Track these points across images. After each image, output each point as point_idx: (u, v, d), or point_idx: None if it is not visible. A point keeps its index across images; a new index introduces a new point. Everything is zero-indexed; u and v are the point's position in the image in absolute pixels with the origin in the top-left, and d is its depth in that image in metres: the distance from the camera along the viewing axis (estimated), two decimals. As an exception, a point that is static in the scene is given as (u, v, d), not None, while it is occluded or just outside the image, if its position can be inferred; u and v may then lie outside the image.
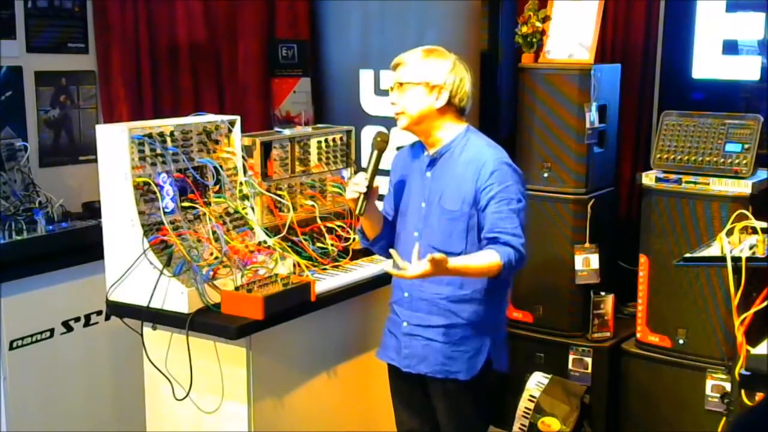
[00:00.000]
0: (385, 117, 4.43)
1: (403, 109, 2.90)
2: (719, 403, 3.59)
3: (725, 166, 3.68)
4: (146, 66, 4.28)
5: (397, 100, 2.91)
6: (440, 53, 2.93)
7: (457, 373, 2.90)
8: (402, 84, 2.90)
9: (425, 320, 2.93)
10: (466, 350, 2.90)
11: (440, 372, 2.91)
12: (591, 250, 4.01)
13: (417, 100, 2.88)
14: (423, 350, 2.93)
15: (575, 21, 4.08)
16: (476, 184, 2.83)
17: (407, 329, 2.96)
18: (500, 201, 2.81)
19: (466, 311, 2.90)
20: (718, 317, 3.63)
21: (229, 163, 3.19)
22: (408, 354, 2.96)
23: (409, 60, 2.91)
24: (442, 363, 2.91)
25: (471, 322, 2.90)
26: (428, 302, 2.91)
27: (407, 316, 2.97)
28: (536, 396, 4.02)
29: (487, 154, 2.88)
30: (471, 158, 2.88)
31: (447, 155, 2.93)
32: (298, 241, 3.32)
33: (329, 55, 4.65)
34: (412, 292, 2.94)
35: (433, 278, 2.84)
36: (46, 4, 4.02)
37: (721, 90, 4.13)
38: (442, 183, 2.90)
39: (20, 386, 3.38)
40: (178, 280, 2.85)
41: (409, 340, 2.96)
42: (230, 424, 2.95)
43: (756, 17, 3.98)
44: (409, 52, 2.94)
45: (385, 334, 3.08)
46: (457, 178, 2.88)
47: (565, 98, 3.99)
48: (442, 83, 2.88)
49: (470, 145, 2.91)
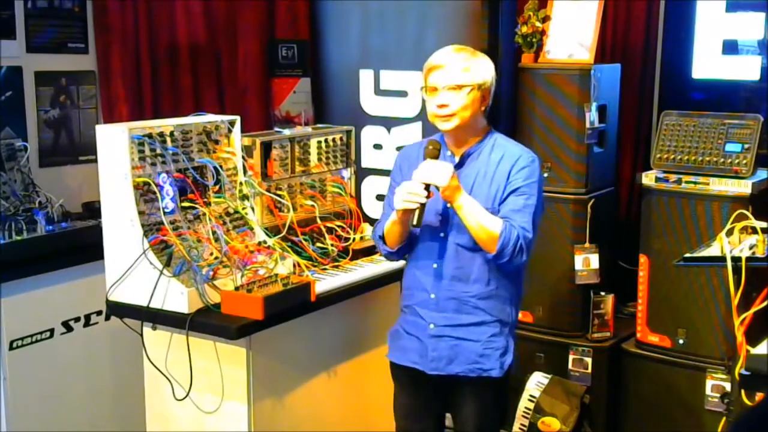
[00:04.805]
0: (385, 117, 4.44)
1: (456, 111, 2.83)
2: (719, 403, 3.58)
3: (725, 166, 3.67)
4: (146, 66, 4.28)
5: (450, 101, 2.83)
6: (478, 53, 2.91)
7: (490, 370, 2.88)
8: (459, 86, 2.82)
9: (454, 320, 2.89)
10: (497, 348, 2.89)
11: (473, 371, 2.88)
12: (591, 250, 4.00)
13: (472, 103, 2.84)
14: (452, 350, 2.89)
15: (575, 21, 4.08)
16: (507, 179, 2.84)
17: (435, 331, 2.91)
18: (520, 195, 2.83)
19: (495, 309, 2.89)
20: (718, 317, 3.63)
21: (229, 163, 3.19)
22: (436, 356, 2.91)
23: (457, 62, 2.85)
24: (474, 361, 2.88)
25: (500, 320, 2.90)
26: (457, 301, 2.88)
27: (434, 318, 2.91)
28: (536, 396, 4.02)
29: (521, 152, 2.90)
30: (503, 156, 2.87)
31: (475, 155, 2.91)
32: (298, 241, 3.32)
33: (329, 55, 4.65)
34: (439, 293, 2.90)
35: (462, 277, 2.86)
36: (46, 4, 4.02)
37: (721, 90, 4.13)
38: (470, 183, 2.87)
39: (20, 386, 3.38)
40: (178, 280, 2.86)
41: (437, 341, 2.90)
42: (230, 424, 2.95)
43: (756, 17, 3.98)
44: (448, 53, 2.87)
45: (401, 336, 3.00)
46: (488, 178, 2.86)
47: (565, 98, 3.99)
48: (491, 84, 2.89)
49: (498, 145, 2.91)
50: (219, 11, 4.56)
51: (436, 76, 2.86)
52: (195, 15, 4.45)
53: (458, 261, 2.87)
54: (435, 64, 2.87)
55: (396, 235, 2.93)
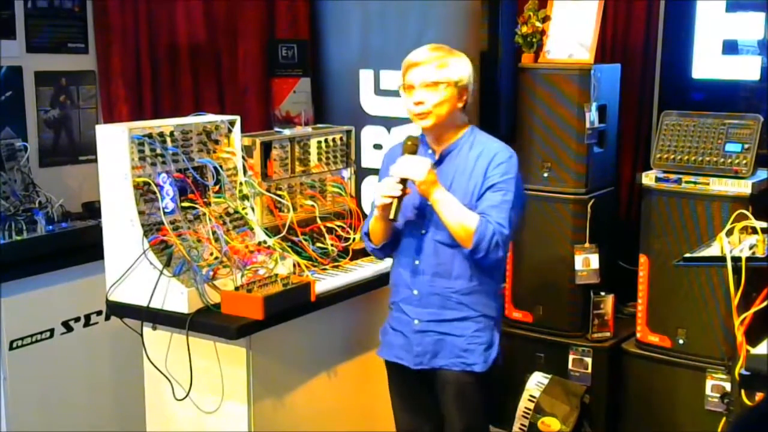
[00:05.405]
0: (385, 117, 4.43)
1: (431, 109, 2.86)
2: (719, 403, 3.58)
3: (725, 166, 3.67)
4: (146, 66, 4.28)
5: (426, 99, 2.86)
6: (455, 52, 2.93)
7: (473, 365, 2.91)
8: (435, 83, 2.85)
9: (438, 315, 2.93)
10: (481, 342, 2.92)
11: (457, 364, 2.92)
12: (591, 250, 4.00)
13: (448, 100, 2.87)
14: (436, 345, 2.93)
15: (575, 21, 4.07)
16: (485, 175, 2.86)
17: (419, 326, 2.95)
18: (497, 191, 2.84)
19: (479, 304, 2.91)
20: (718, 317, 3.63)
21: (229, 163, 3.19)
22: (420, 351, 2.95)
23: (432, 59, 2.87)
24: (458, 355, 2.91)
25: (484, 315, 2.92)
26: (440, 297, 2.91)
27: (418, 314, 2.96)
28: (536, 396, 4.02)
29: (497, 147, 2.92)
30: (480, 153, 2.89)
31: (455, 152, 2.93)
32: (298, 241, 3.32)
33: (329, 55, 4.65)
34: (422, 289, 2.94)
35: (443, 273, 2.89)
36: (46, 4, 4.02)
37: (721, 90, 4.12)
38: (448, 180, 2.90)
39: (20, 386, 3.38)
40: (178, 280, 2.86)
41: (422, 337, 2.95)
42: (230, 424, 2.95)
43: (756, 17, 3.98)
44: (424, 51, 2.90)
45: (388, 332, 3.06)
46: (466, 174, 2.88)
47: (565, 98, 3.99)
48: (468, 82, 2.91)
49: (477, 141, 2.93)
50: (219, 11, 4.56)
51: (412, 74, 2.89)
52: (195, 15, 4.45)
53: (438, 257, 2.91)
54: (411, 62, 2.90)
55: (379, 231, 2.99)
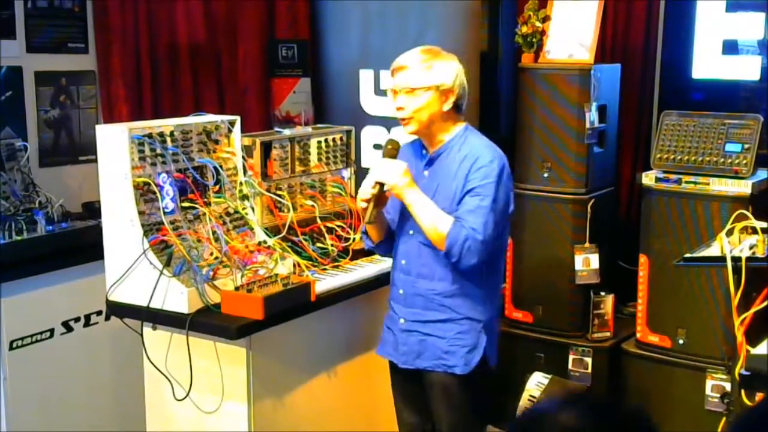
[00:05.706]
0: (384, 117, 4.43)
1: (412, 115, 2.85)
2: (719, 403, 3.58)
3: (725, 166, 3.67)
4: (146, 66, 4.28)
5: (406, 104, 2.85)
6: (442, 54, 2.90)
7: (454, 367, 2.92)
8: (413, 89, 2.83)
9: (422, 316, 2.95)
10: (463, 345, 2.92)
11: (438, 366, 2.93)
12: (591, 250, 4.00)
13: (428, 106, 2.85)
14: (420, 346, 2.95)
15: (575, 21, 4.07)
16: (466, 179, 2.84)
17: (404, 326, 2.99)
18: (474, 196, 2.82)
19: (463, 306, 2.91)
20: (718, 317, 3.63)
21: (229, 163, 3.19)
22: (405, 351, 2.99)
23: (414, 63, 2.85)
24: (439, 357, 2.93)
25: (468, 318, 2.92)
26: (424, 298, 2.93)
27: (404, 313, 2.99)
28: (536, 396, 4.02)
29: (483, 151, 2.88)
30: (466, 155, 2.88)
31: (444, 154, 2.93)
32: (298, 241, 3.32)
33: (329, 55, 4.65)
34: (407, 288, 2.97)
35: (427, 274, 2.90)
36: (46, 4, 4.02)
37: (721, 90, 4.12)
38: (437, 181, 2.91)
39: (20, 386, 3.38)
40: (178, 280, 2.86)
41: (407, 336, 2.98)
42: (230, 424, 2.95)
43: (756, 17, 3.98)
44: (409, 55, 2.88)
45: (384, 330, 3.10)
46: (451, 177, 2.88)
47: (565, 98, 3.99)
48: (452, 86, 2.87)
49: (467, 143, 2.91)
50: (219, 11, 4.56)
51: (396, 78, 2.89)
52: (195, 15, 4.45)
53: (422, 259, 2.92)
54: (396, 65, 2.90)
55: (372, 230, 3.06)
